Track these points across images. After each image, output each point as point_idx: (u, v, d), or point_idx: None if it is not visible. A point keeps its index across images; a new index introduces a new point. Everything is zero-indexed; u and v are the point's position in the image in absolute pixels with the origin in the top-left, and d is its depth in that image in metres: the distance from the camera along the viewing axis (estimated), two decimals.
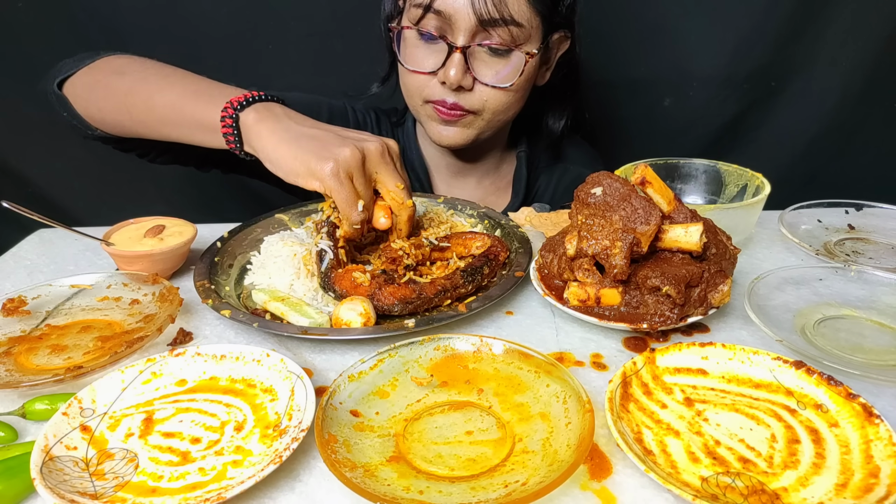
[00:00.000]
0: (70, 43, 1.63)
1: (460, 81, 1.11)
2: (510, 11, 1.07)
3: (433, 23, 1.10)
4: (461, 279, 0.88)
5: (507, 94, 1.16)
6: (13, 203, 0.89)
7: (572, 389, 0.66)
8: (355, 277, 0.85)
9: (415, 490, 0.57)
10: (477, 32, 1.09)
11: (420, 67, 1.15)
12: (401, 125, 1.40)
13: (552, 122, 1.36)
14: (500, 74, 1.14)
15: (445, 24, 1.09)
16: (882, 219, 1.12)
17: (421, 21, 1.11)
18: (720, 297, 0.81)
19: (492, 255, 0.94)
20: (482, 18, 1.06)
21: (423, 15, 1.10)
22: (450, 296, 0.86)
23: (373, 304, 0.83)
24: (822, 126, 1.79)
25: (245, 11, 1.64)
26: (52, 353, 0.77)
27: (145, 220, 1.02)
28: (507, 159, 1.41)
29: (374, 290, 0.83)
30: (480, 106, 1.16)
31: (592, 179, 0.85)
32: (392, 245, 0.92)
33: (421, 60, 1.15)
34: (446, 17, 1.08)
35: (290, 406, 0.66)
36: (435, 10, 1.08)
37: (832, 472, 0.59)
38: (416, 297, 0.84)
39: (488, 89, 1.14)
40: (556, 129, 1.36)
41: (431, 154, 1.36)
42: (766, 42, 1.69)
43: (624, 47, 1.72)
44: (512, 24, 1.08)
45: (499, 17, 1.07)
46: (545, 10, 1.13)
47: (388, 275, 0.88)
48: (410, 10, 1.12)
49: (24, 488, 0.58)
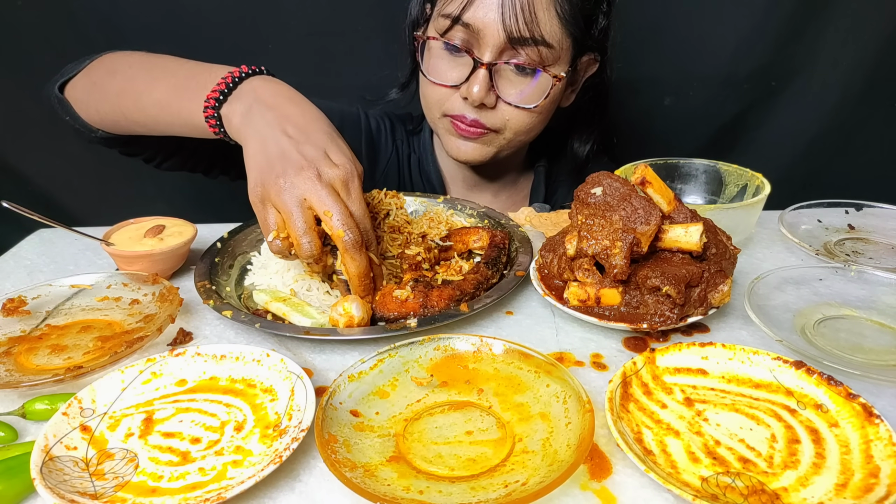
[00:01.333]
0: (70, 43, 1.63)
1: (483, 99, 1.08)
2: (541, 31, 1.04)
3: (460, 35, 1.08)
4: (488, 270, 0.90)
5: (530, 114, 1.13)
6: (13, 203, 0.89)
7: (572, 389, 0.66)
8: (397, 296, 0.84)
9: (415, 490, 0.57)
10: (505, 50, 1.06)
11: (443, 80, 1.12)
12: (417, 133, 1.38)
13: (577, 145, 1.34)
14: (524, 94, 1.11)
15: (473, 38, 1.07)
16: (882, 219, 1.12)
17: (448, 32, 1.08)
18: (720, 297, 0.81)
19: (500, 244, 0.96)
20: (512, 36, 1.04)
21: (450, 26, 1.07)
22: (484, 287, 0.89)
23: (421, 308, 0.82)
24: (822, 126, 1.79)
25: (245, 11, 1.64)
26: (52, 353, 0.77)
27: (145, 220, 1.02)
28: (525, 174, 1.39)
29: (423, 299, 0.83)
30: (502, 125, 1.14)
31: (592, 179, 0.85)
32: (407, 252, 0.92)
33: (444, 73, 1.12)
34: (475, 30, 1.05)
35: (290, 406, 0.66)
36: (464, 23, 1.05)
37: (832, 472, 0.59)
38: (459, 293, 0.85)
39: (511, 109, 1.11)
40: (581, 154, 1.33)
41: (448, 165, 1.34)
42: (766, 42, 1.69)
43: (624, 47, 1.71)
44: (542, 44, 1.05)
45: (529, 37, 1.04)
46: (578, 32, 1.10)
47: (424, 281, 0.89)
48: (438, 19, 1.10)
49: (24, 488, 0.58)
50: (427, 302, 0.83)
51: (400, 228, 0.97)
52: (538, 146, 1.36)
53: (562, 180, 1.39)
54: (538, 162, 1.37)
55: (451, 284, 0.87)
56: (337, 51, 1.67)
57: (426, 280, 0.89)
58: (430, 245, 0.94)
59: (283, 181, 0.78)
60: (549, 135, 1.30)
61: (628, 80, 1.76)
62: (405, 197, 1.06)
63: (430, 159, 1.34)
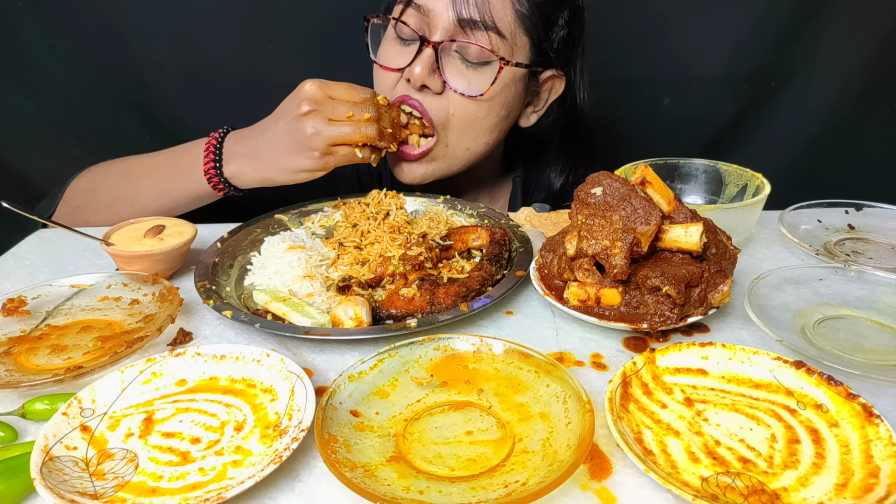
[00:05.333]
0: (70, 43, 1.63)
1: (426, 79, 1.05)
2: (493, 16, 1.03)
3: (413, 20, 1.07)
4: (492, 267, 0.91)
5: (477, 107, 1.09)
6: (13, 203, 0.89)
7: (572, 389, 0.66)
8: (403, 294, 0.86)
9: (415, 490, 0.57)
10: (455, 33, 1.05)
11: (391, 64, 1.11)
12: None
13: (553, 176, 1.30)
14: (472, 83, 1.08)
15: (424, 21, 1.06)
16: (882, 219, 1.12)
17: (401, 16, 1.07)
18: (720, 297, 0.81)
19: (501, 240, 0.97)
20: (461, 17, 1.02)
21: (403, 10, 1.07)
22: (489, 283, 0.89)
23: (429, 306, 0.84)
24: (822, 126, 1.79)
25: (245, 11, 1.64)
26: (52, 353, 0.77)
27: (145, 220, 1.02)
28: (501, 184, 1.37)
29: (430, 297, 0.85)
30: (445, 117, 1.10)
31: (592, 179, 0.85)
32: (409, 253, 0.92)
33: (393, 58, 1.11)
34: (425, 11, 1.04)
35: (290, 406, 0.66)
36: (415, 5, 1.05)
37: (832, 472, 0.58)
38: (465, 290, 0.86)
39: (457, 98, 1.08)
40: (556, 186, 1.30)
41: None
42: (766, 42, 1.70)
43: (624, 47, 1.72)
44: (493, 30, 1.04)
45: (479, 20, 1.03)
46: (534, 29, 1.07)
47: (430, 279, 0.89)
48: (396, 6, 1.10)
49: (24, 488, 0.58)
50: (434, 300, 0.84)
51: (400, 228, 0.97)
52: (513, 154, 1.34)
53: (540, 188, 1.36)
54: (514, 172, 1.34)
55: (457, 282, 0.87)
56: (337, 51, 1.67)
57: (432, 278, 0.89)
58: (430, 244, 0.95)
59: (300, 122, 0.98)
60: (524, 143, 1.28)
61: (628, 80, 1.76)
62: (405, 197, 1.06)
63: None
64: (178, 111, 1.71)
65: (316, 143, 0.98)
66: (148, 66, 1.67)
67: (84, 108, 1.70)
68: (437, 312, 0.83)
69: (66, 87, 1.68)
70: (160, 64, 1.67)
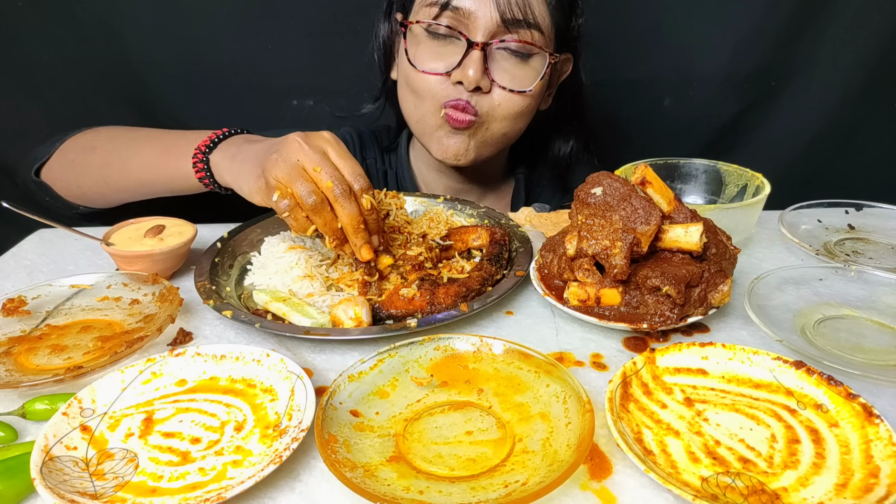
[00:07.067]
0: (70, 43, 1.63)
1: (479, 82, 1.06)
2: (534, 14, 1.05)
3: (448, 21, 1.06)
4: (492, 267, 0.91)
5: (521, 100, 1.11)
6: (13, 203, 0.89)
7: (572, 389, 0.66)
8: (403, 294, 0.85)
9: (415, 490, 0.57)
10: (497, 32, 1.06)
11: (433, 68, 1.09)
12: (393, 150, 1.36)
13: (558, 147, 1.33)
14: (517, 79, 1.10)
15: (462, 22, 1.06)
16: (882, 219, 1.12)
17: (437, 18, 1.07)
18: (720, 297, 0.81)
19: (501, 240, 0.97)
20: (505, 17, 1.03)
21: (439, 13, 1.06)
22: (490, 283, 0.89)
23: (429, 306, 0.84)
24: (822, 126, 1.79)
25: (245, 11, 1.64)
26: (52, 353, 0.77)
27: (145, 220, 1.02)
28: (506, 182, 1.38)
29: (430, 297, 0.84)
30: (490, 110, 1.11)
31: (592, 179, 0.85)
32: (409, 253, 0.92)
33: (433, 61, 1.09)
34: (465, 14, 1.04)
35: (290, 406, 0.66)
36: (453, 7, 1.04)
37: (832, 472, 0.59)
38: (465, 290, 0.86)
39: (503, 93, 1.10)
40: (563, 154, 1.33)
41: (427, 177, 1.33)
42: (766, 42, 1.69)
43: (624, 47, 1.72)
44: (534, 27, 1.05)
45: (522, 18, 1.04)
46: (562, 21, 1.10)
47: (430, 279, 0.89)
48: (421, 10, 1.09)
49: (24, 488, 0.58)
50: (434, 299, 0.84)
51: (400, 228, 0.97)
52: (517, 152, 1.36)
53: (543, 185, 1.39)
54: (518, 169, 1.37)
55: (458, 282, 0.87)
56: (336, 51, 1.67)
57: (432, 278, 0.89)
58: (430, 244, 0.95)
59: (276, 155, 0.83)
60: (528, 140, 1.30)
61: (628, 80, 1.76)
62: (405, 197, 1.06)
63: (408, 175, 1.33)
64: (177, 111, 1.71)
65: (269, 178, 0.85)
66: (148, 66, 1.67)
67: (84, 108, 1.70)
68: (437, 312, 0.83)
69: (66, 86, 1.68)
70: (160, 64, 1.67)
